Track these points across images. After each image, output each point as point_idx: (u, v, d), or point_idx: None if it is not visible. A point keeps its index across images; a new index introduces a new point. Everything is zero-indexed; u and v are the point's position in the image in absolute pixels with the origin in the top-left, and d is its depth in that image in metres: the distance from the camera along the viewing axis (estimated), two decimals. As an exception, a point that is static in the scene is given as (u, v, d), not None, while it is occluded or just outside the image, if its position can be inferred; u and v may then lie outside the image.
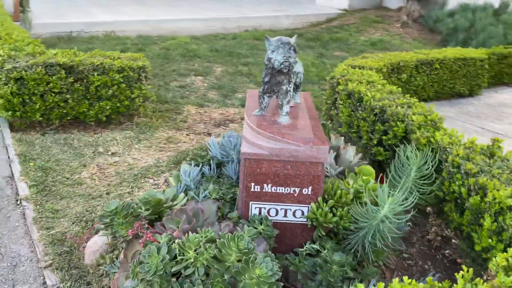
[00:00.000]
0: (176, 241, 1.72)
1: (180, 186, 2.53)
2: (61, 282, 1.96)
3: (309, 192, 2.10)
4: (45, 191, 2.65)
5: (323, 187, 2.14)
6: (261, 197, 2.12)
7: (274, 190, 2.10)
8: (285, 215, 2.16)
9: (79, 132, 3.57)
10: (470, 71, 5.40)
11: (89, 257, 2.09)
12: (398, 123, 2.92)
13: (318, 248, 2.10)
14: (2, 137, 3.36)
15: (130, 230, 1.80)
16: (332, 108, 4.09)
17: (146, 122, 3.90)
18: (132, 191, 2.77)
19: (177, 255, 1.71)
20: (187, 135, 3.84)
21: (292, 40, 2.12)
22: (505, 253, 1.58)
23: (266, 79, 2.18)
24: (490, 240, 1.96)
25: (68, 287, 1.93)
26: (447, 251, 2.57)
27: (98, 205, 2.57)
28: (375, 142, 3.16)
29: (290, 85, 2.19)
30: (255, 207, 2.14)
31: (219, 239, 1.76)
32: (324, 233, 2.10)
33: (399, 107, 3.01)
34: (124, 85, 3.64)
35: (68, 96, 3.48)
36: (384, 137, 3.05)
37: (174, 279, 1.72)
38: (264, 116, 2.29)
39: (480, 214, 2.10)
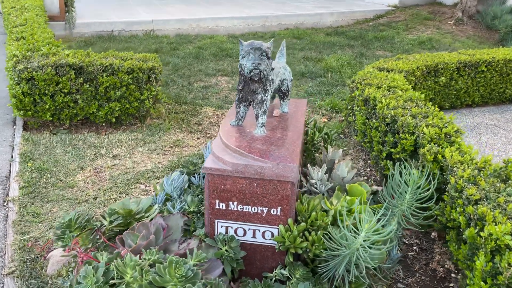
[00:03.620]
0: (113, 262, 1.61)
1: (160, 196, 2.43)
2: (17, 291, 1.93)
3: (278, 213, 1.91)
4: (34, 193, 2.66)
5: (294, 208, 1.93)
6: (227, 216, 1.95)
7: (241, 208, 1.92)
8: (254, 236, 1.97)
9: (89, 133, 3.60)
10: (523, 75, 4.82)
11: (52, 267, 2.04)
12: (407, 135, 2.61)
13: (288, 275, 1.91)
14: (13, 135, 3.45)
15: (68, 248, 1.72)
16: (351, 114, 3.80)
17: (158, 124, 3.85)
18: (120, 197, 2.71)
19: (115, 277, 1.60)
20: (197, 138, 3.75)
21: (266, 45, 1.92)
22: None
23: (240, 87, 2.01)
24: (483, 284, 1.65)
25: (23, 298, 1.89)
26: (451, 285, 2.25)
27: (81, 210, 2.54)
28: (384, 155, 2.87)
29: (267, 94, 2.00)
30: (221, 226, 1.98)
31: (162, 263, 1.62)
32: (292, 259, 1.90)
33: (409, 117, 2.70)
34: (134, 86, 3.61)
35: (77, 96, 3.51)
36: (392, 150, 2.75)
37: (110, 302, 1.61)
38: (239, 127, 2.11)
39: (476, 250, 1.78)
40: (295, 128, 2.15)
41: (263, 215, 1.92)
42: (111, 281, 1.57)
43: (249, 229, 1.96)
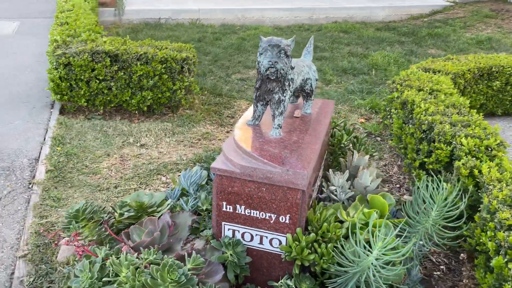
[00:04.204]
0: (110, 259, 1.58)
1: (175, 191, 2.39)
2: (26, 276, 1.96)
3: (287, 221, 1.80)
4: (59, 178, 2.72)
5: (304, 217, 1.81)
6: (234, 219, 1.87)
7: (248, 213, 1.84)
8: (261, 242, 1.88)
9: (121, 120, 3.64)
10: None
11: (62, 254, 2.06)
12: (443, 145, 2.40)
13: (293, 286, 1.80)
14: (49, 118, 3.56)
15: (66, 241, 1.71)
16: (388, 117, 3.59)
17: (190, 115, 3.83)
18: (140, 187, 2.71)
19: (110, 274, 1.57)
20: (227, 132, 3.69)
21: (286, 42, 1.80)
22: None
23: (257, 85, 1.91)
24: (507, 322, 1.47)
25: (30, 282, 1.92)
26: (478, 313, 2.05)
27: (100, 198, 2.56)
28: (417, 164, 2.67)
29: (285, 94, 1.88)
30: (228, 229, 1.90)
31: (159, 265, 1.58)
32: (298, 271, 1.79)
33: (447, 126, 2.48)
34: (166, 76, 3.60)
35: (112, 83, 3.56)
36: (426, 160, 2.55)
37: (105, 299, 1.59)
38: (255, 127, 2.02)
39: (504, 282, 1.59)
40: (315, 131, 2.02)
41: (271, 221, 1.82)
42: (106, 278, 1.55)
43: (256, 234, 1.87)
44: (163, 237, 1.88)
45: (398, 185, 3.08)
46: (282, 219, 1.80)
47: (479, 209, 2.04)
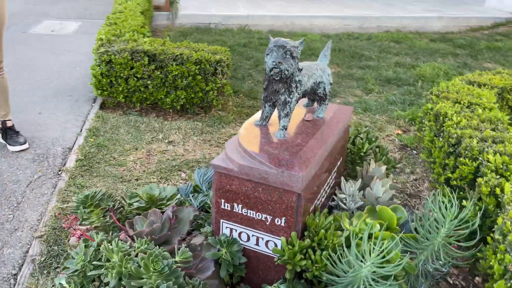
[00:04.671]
0: (103, 244, 1.64)
1: (188, 186, 2.44)
2: (39, 255, 2.08)
3: (282, 224, 1.78)
4: (86, 167, 2.87)
5: (301, 221, 1.78)
6: (232, 217, 1.88)
7: (245, 212, 1.83)
8: (257, 243, 1.87)
9: (156, 117, 3.77)
10: None
11: (74, 238, 2.17)
12: (468, 160, 2.26)
13: (286, 291, 1.77)
14: (88, 112, 3.76)
15: (66, 224, 1.79)
16: (422, 129, 3.43)
17: (221, 116, 3.89)
18: (159, 181, 2.79)
19: (103, 259, 1.63)
20: (256, 134, 3.71)
21: (292, 43, 1.78)
22: None
23: (264, 86, 1.91)
24: None
25: (41, 262, 2.04)
26: None
27: (121, 189, 2.67)
28: (442, 179, 2.53)
29: (291, 96, 1.87)
30: (226, 227, 1.91)
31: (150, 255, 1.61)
32: (289, 276, 1.76)
33: (475, 140, 2.33)
34: (200, 77, 3.69)
35: (148, 82, 3.70)
36: (450, 175, 2.41)
37: (95, 283, 1.65)
38: (262, 127, 2.02)
39: (505, 310, 1.46)
40: (322, 136, 1.98)
41: (267, 223, 1.81)
42: (97, 262, 1.61)
43: (252, 235, 1.86)
44: (163, 229, 1.93)
45: (425, 201, 2.93)
46: (277, 222, 1.78)
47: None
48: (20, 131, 3.17)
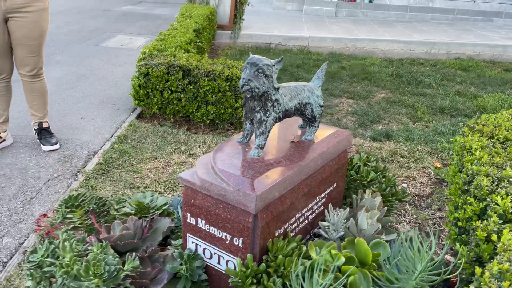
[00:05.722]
0: (60, 244, 1.71)
1: (181, 199, 2.46)
2: (31, 247, 2.22)
3: (240, 244, 1.72)
4: (103, 170, 3.02)
5: (259, 244, 1.70)
6: (196, 232, 1.86)
7: (208, 229, 1.81)
8: (219, 262, 1.83)
9: (187, 130, 3.89)
10: None
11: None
12: (473, 200, 2.02)
13: (238, 316, 1.70)
14: (124, 120, 3.98)
15: (36, 219, 1.89)
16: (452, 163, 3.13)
17: (250, 134, 3.90)
18: (165, 191, 2.85)
19: (60, 257, 1.70)
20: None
21: (266, 61, 1.74)
22: None
23: (242, 103, 1.89)
24: None
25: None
26: None
27: (128, 194, 2.77)
28: (451, 218, 2.28)
29: (267, 115, 1.82)
30: (192, 241, 1.89)
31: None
32: (239, 300, 1.68)
33: (485, 179, 2.08)
34: (230, 93, 3.75)
35: (182, 95, 3.84)
36: (456, 214, 2.16)
37: (53, 279, 1.72)
38: (242, 144, 1.98)
39: None
40: (300, 158, 1.89)
41: (227, 242, 1.76)
42: (52, 260, 1.68)
43: (214, 253, 1.82)
44: (133, 237, 1.96)
45: (442, 243, 2.66)
46: (235, 241, 1.73)
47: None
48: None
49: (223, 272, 1.82)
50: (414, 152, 3.87)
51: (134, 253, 1.73)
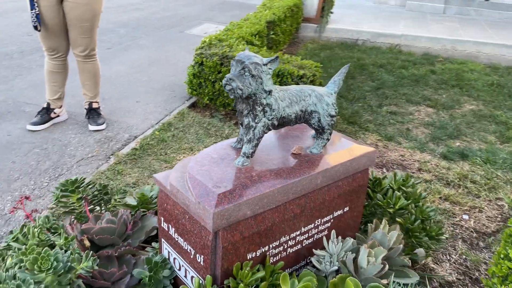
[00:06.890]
0: (31, 230, 1.68)
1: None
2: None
3: (201, 262, 1.53)
4: (135, 156, 3.02)
5: (222, 265, 1.49)
6: (168, 239, 1.70)
7: (176, 238, 1.64)
8: (185, 276, 1.66)
9: (233, 123, 3.75)
10: None
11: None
12: (516, 256, 1.56)
13: None
14: (175, 108, 3.97)
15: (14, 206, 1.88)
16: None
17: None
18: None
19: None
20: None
21: (255, 59, 1.49)
22: None
23: (234, 104, 1.67)
24: None
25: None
26: None
27: (149, 183, 2.73)
28: (490, 272, 1.81)
29: (256, 121, 1.58)
30: (165, 248, 1.75)
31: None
32: (190, 325, 1.49)
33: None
34: (281, 90, 3.51)
35: (233, 88, 3.70)
36: (494, 268, 1.70)
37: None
38: (233, 149, 1.77)
39: None
40: (291, 174, 1.62)
41: (191, 256, 1.58)
42: (17, 245, 1.66)
43: (182, 265, 1.66)
44: (112, 232, 1.88)
45: None
46: (198, 258, 1.54)
47: None
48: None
49: (188, 286, 1.65)
50: (490, 179, 3.27)
51: (105, 251, 1.64)
